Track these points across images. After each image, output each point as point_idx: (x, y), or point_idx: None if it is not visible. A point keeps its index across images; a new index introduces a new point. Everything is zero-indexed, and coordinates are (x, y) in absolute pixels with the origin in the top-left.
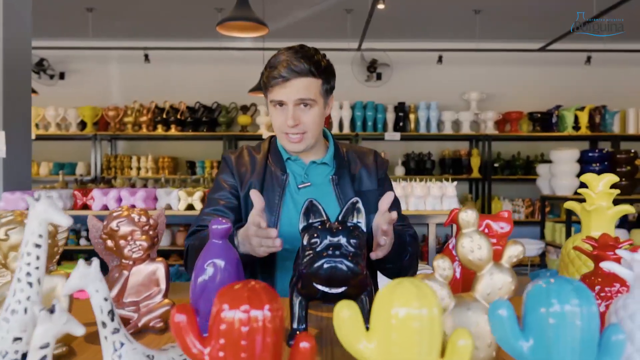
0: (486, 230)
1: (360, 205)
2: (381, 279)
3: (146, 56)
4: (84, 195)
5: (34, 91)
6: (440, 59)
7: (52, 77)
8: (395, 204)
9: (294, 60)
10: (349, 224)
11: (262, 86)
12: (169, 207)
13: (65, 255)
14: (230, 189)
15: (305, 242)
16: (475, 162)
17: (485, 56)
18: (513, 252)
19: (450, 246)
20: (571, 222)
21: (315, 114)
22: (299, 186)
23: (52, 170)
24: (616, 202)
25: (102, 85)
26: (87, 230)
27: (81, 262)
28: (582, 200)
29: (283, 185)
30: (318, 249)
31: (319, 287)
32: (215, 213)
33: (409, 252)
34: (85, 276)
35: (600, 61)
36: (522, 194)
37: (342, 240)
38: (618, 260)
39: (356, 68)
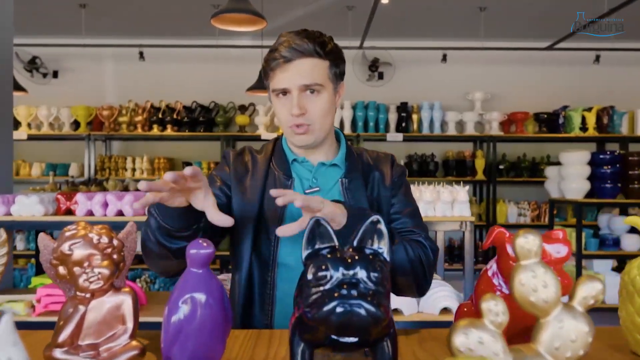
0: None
1: (382, 226)
2: None
3: (141, 54)
4: (67, 199)
5: (24, 89)
6: (444, 58)
7: (45, 75)
8: (406, 211)
9: (297, 39)
10: (367, 251)
11: (263, 76)
12: None
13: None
14: (221, 185)
15: (310, 276)
16: (480, 163)
17: (490, 55)
18: (589, 291)
19: (490, 273)
20: (582, 227)
21: (324, 101)
22: (306, 191)
23: (44, 171)
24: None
25: (96, 84)
26: None
27: None
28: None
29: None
30: (328, 287)
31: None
32: None
33: (401, 277)
34: None
35: (609, 60)
36: (528, 196)
37: (360, 274)
38: None
39: (357, 67)
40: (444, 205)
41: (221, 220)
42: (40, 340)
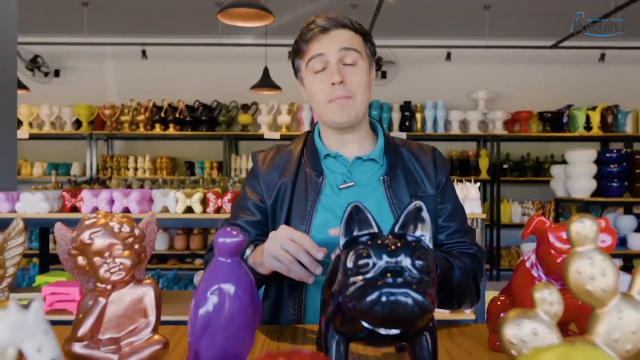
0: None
1: (425, 213)
2: None
3: (143, 52)
4: (73, 196)
5: (26, 88)
6: (448, 57)
7: (46, 74)
8: (454, 215)
9: (332, 14)
10: (410, 238)
11: (293, 55)
12: (165, 210)
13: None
14: (255, 199)
15: (350, 264)
16: (484, 163)
17: (495, 54)
18: None
19: (528, 264)
20: None
21: (362, 72)
22: (340, 186)
23: (46, 170)
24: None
25: (98, 83)
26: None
27: (13, 305)
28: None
29: (318, 190)
30: (370, 276)
31: (368, 325)
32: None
33: (452, 292)
34: (19, 328)
35: (613, 59)
36: (532, 196)
37: (405, 262)
38: None
39: None
40: None
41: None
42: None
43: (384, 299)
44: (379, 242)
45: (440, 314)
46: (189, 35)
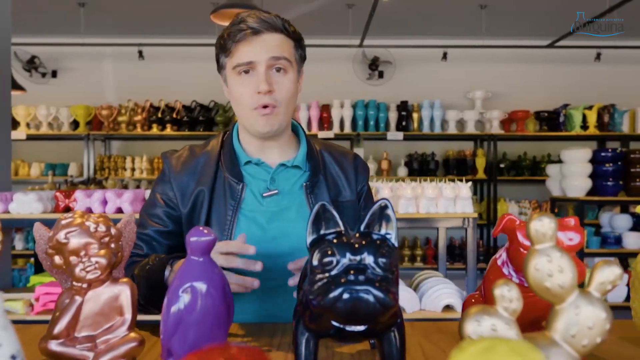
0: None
1: (390, 211)
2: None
3: (140, 53)
4: (66, 197)
5: (22, 88)
6: (445, 56)
7: (44, 75)
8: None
9: (264, 14)
10: (375, 237)
11: (219, 51)
12: None
13: None
14: (166, 207)
15: (315, 262)
16: (481, 162)
17: (491, 53)
18: (608, 276)
19: (500, 262)
20: (583, 225)
21: (291, 81)
22: (264, 194)
23: (43, 171)
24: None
25: (96, 84)
26: None
27: None
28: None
29: (238, 197)
30: (334, 273)
31: (336, 322)
32: (141, 239)
33: None
34: None
35: (610, 58)
36: (529, 195)
37: (368, 259)
38: None
39: (358, 66)
40: (446, 201)
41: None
42: (37, 335)
43: (345, 295)
44: (344, 240)
45: (431, 312)
46: (186, 35)
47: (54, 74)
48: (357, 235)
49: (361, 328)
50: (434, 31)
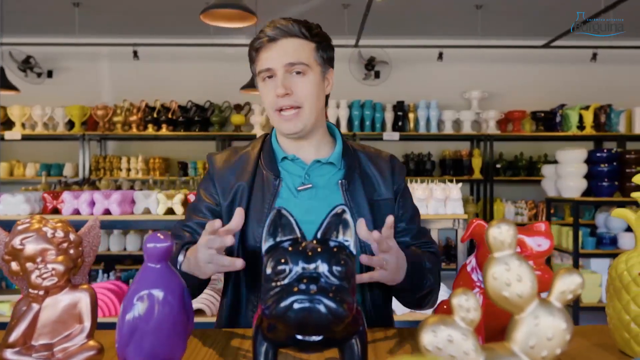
0: (518, 249)
1: (348, 216)
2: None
3: (135, 53)
4: (54, 198)
5: (16, 89)
6: (440, 56)
7: (39, 75)
8: (415, 217)
9: (281, 21)
10: (332, 244)
11: (250, 63)
12: (147, 211)
13: None
14: (209, 202)
15: (269, 270)
16: (477, 162)
17: (487, 53)
18: (568, 285)
19: (469, 268)
20: (579, 225)
21: (311, 83)
22: (299, 188)
23: (38, 171)
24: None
25: (91, 84)
26: None
27: None
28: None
29: (275, 192)
30: (286, 282)
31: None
32: (185, 229)
33: (429, 280)
34: None
35: (606, 58)
36: (525, 195)
37: (322, 267)
38: None
39: (354, 66)
40: (436, 203)
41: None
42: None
43: (296, 305)
44: (298, 248)
45: (422, 315)
46: (181, 35)
47: (50, 74)
48: (314, 242)
49: (318, 338)
50: (430, 31)
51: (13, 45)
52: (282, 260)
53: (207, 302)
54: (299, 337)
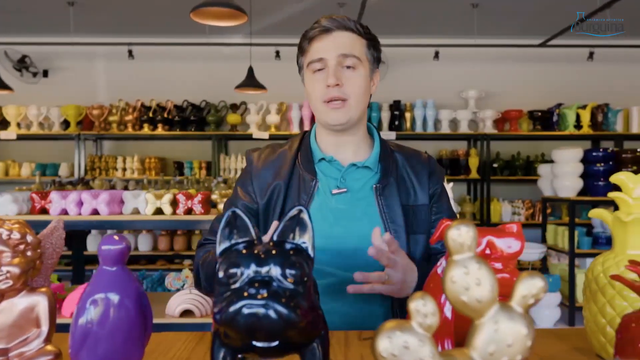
0: (487, 251)
1: (305, 215)
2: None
3: (130, 52)
4: (42, 198)
5: (10, 88)
6: (436, 55)
7: (35, 74)
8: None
9: (337, 15)
10: (287, 246)
11: (298, 52)
12: (136, 211)
13: None
14: (246, 200)
15: (221, 274)
16: (474, 162)
17: (484, 52)
18: (530, 289)
19: (439, 270)
20: (574, 225)
21: (360, 77)
22: (333, 192)
23: (33, 171)
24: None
25: (86, 83)
26: (67, 235)
27: None
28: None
29: (311, 192)
30: (237, 286)
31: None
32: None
33: None
34: None
35: (603, 57)
36: (522, 195)
37: (274, 271)
38: None
39: None
40: None
41: None
42: None
43: (244, 311)
44: (251, 250)
45: None
46: (177, 34)
47: (45, 73)
48: (269, 244)
49: (274, 343)
50: (426, 30)
51: (8, 45)
52: (234, 263)
53: (195, 302)
54: (255, 343)
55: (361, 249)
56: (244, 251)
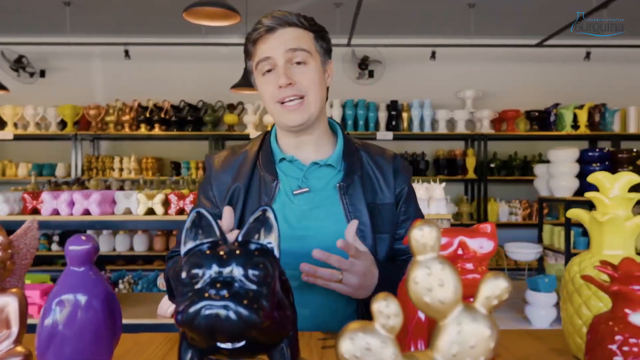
0: (460, 251)
1: (271, 215)
2: None
3: (126, 52)
4: (34, 198)
5: (5, 88)
6: (433, 55)
7: (32, 74)
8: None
9: (278, 12)
10: (252, 247)
11: (245, 57)
12: (128, 212)
13: (37, 260)
14: (208, 206)
15: (183, 274)
16: (471, 162)
17: (481, 52)
18: (493, 290)
19: None
20: (571, 225)
21: (313, 71)
22: (295, 192)
23: (30, 171)
24: None
25: (83, 83)
26: (60, 235)
27: None
28: (586, 203)
29: (272, 194)
30: (198, 287)
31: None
32: None
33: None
34: None
35: (600, 57)
36: (520, 195)
37: (237, 271)
38: None
39: (347, 65)
40: (420, 203)
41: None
42: None
43: (204, 312)
44: (214, 251)
45: None
46: (173, 34)
47: (42, 73)
48: (234, 245)
49: (240, 344)
50: (423, 30)
51: (5, 45)
52: (196, 264)
53: None
54: (221, 345)
55: (325, 249)
56: (208, 252)
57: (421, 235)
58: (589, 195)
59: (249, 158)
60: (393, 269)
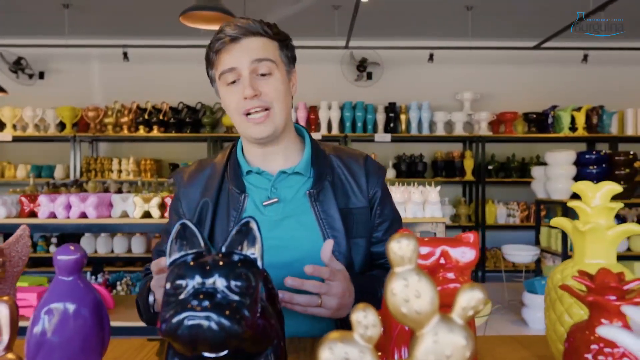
0: (442, 261)
1: (254, 226)
2: None
3: (125, 54)
4: (31, 201)
5: (4, 90)
6: (431, 57)
7: (31, 76)
8: (393, 226)
9: (241, 20)
10: (235, 258)
11: (207, 65)
12: (125, 215)
13: (35, 262)
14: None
15: (168, 285)
16: (469, 164)
17: (479, 54)
18: (469, 301)
19: None
20: None
21: (278, 82)
22: (264, 203)
23: (29, 172)
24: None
25: (82, 85)
26: (58, 237)
27: None
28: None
29: (240, 208)
30: (181, 298)
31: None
32: (161, 254)
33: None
34: None
35: (598, 60)
36: (517, 197)
37: (219, 282)
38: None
39: (345, 67)
40: (414, 206)
41: None
42: None
43: (186, 322)
44: (198, 262)
45: None
46: (171, 36)
47: (41, 75)
48: (218, 255)
49: (223, 353)
50: (421, 32)
51: (4, 47)
52: (180, 275)
53: None
54: (205, 354)
55: (298, 260)
56: (192, 263)
57: (399, 248)
58: (572, 204)
59: (216, 172)
60: (367, 281)
